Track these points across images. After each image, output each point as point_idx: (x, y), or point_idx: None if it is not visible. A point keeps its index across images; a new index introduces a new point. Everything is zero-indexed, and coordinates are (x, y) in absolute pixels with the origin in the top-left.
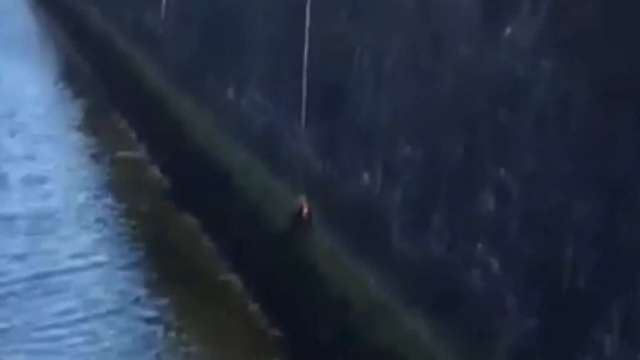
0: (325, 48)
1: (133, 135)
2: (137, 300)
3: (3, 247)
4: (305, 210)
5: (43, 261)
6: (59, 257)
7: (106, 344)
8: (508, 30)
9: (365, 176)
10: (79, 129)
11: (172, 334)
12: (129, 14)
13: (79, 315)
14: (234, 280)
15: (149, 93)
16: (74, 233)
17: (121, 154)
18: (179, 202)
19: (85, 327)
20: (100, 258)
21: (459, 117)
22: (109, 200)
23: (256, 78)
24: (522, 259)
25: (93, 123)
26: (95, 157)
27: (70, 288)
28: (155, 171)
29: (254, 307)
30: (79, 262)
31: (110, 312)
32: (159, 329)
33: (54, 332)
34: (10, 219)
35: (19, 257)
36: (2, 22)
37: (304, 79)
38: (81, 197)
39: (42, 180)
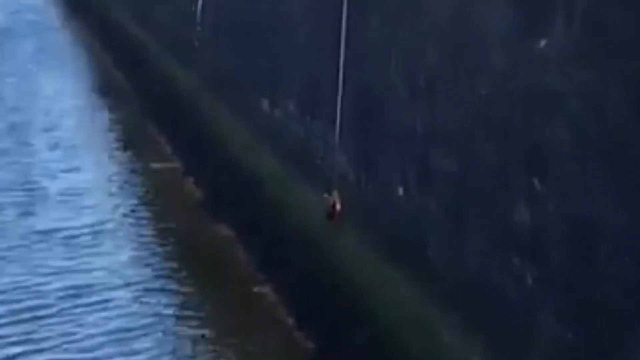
0: (361, 58)
1: (168, 147)
2: (171, 315)
3: (41, 261)
4: (338, 206)
5: (79, 277)
6: (95, 273)
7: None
8: (543, 42)
9: (400, 189)
10: (115, 141)
11: (210, 348)
12: (165, 25)
13: (113, 326)
14: (269, 292)
15: (184, 104)
16: (111, 248)
17: (155, 165)
18: (214, 213)
19: (121, 340)
20: (136, 272)
21: (493, 129)
22: (143, 213)
23: (291, 88)
24: (558, 270)
25: (128, 135)
26: (131, 169)
27: (108, 303)
28: (189, 182)
29: (288, 320)
30: (115, 277)
31: (145, 327)
32: (197, 344)
33: (88, 344)
34: (48, 233)
35: (55, 273)
36: (37, 35)
37: (339, 89)
38: (117, 211)
39: (79, 194)
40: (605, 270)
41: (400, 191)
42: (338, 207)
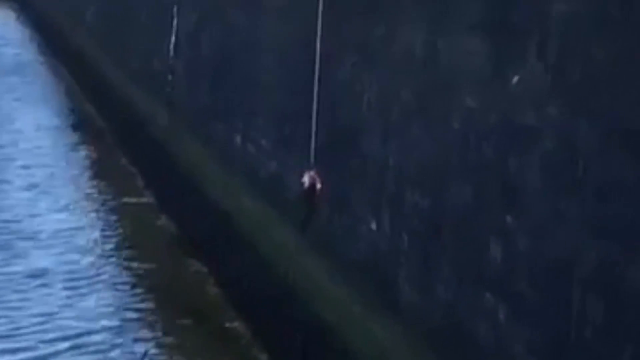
0: (335, 94)
1: (141, 181)
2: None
3: (4, 301)
4: (318, 185)
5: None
6: (65, 314)
7: None
8: (515, 78)
9: (373, 224)
10: (87, 177)
11: None
12: (137, 59)
13: None
14: (240, 327)
15: (157, 138)
16: (84, 290)
17: (129, 200)
18: (188, 249)
19: None
20: (109, 314)
21: (466, 166)
22: (117, 250)
23: (264, 123)
24: (529, 307)
25: (101, 170)
26: (104, 205)
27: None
28: (162, 217)
29: (261, 357)
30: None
31: None
32: None
33: None
34: (15, 274)
35: (18, 308)
36: (12, 70)
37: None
38: (90, 251)
39: (50, 233)
40: (578, 309)
41: (373, 226)
42: (319, 185)
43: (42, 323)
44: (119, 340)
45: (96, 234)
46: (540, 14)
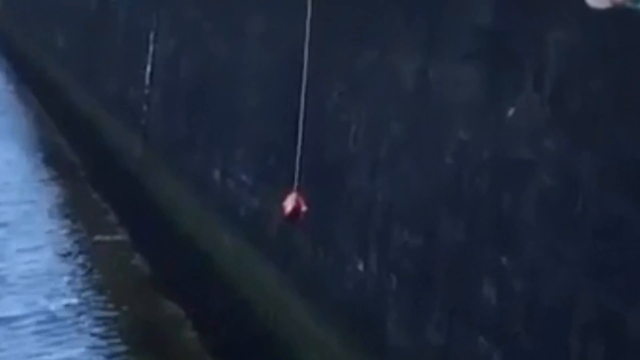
0: (320, 127)
1: (114, 218)
2: None
3: None
4: (304, 207)
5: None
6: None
7: None
8: (511, 110)
9: (360, 264)
10: (59, 214)
11: None
12: (111, 87)
13: None
14: None
15: (131, 172)
16: (58, 337)
17: (101, 238)
18: (163, 290)
19: None
20: (84, 358)
21: (459, 201)
22: (89, 293)
23: (245, 157)
24: (525, 352)
25: (73, 207)
26: (76, 244)
27: None
28: (137, 256)
29: None
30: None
31: None
32: None
33: None
34: None
35: None
36: None
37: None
38: (61, 295)
39: (21, 276)
40: (577, 354)
41: (360, 266)
42: (304, 208)
43: None
44: None
45: (68, 276)
46: (537, 42)
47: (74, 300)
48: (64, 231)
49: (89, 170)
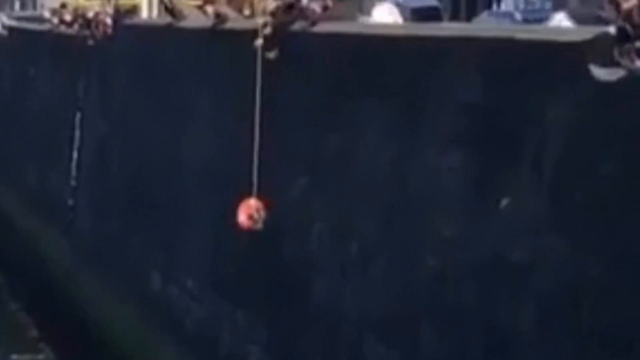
0: (280, 225)
1: (35, 333)
2: None
3: None
4: (262, 213)
5: None
6: None
7: None
8: (504, 201)
9: None
10: None
11: None
12: (31, 180)
13: None
14: None
15: (55, 279)
16: None
17: (18, 358)
18: None
19: None
20: None
21: (444, 309)
22: None
23: (192, 260)
24: None
25: None
26: None
27: None
28: None
29: None
30: None
31: None
32: None
33: None
34: None
35: None
36: None
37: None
38: None
39: None
40: None
41: None
42: (263, 214)
43: None
44: None
45: None
46: (535, 121)
47: None
48: None
49: (6, 278)
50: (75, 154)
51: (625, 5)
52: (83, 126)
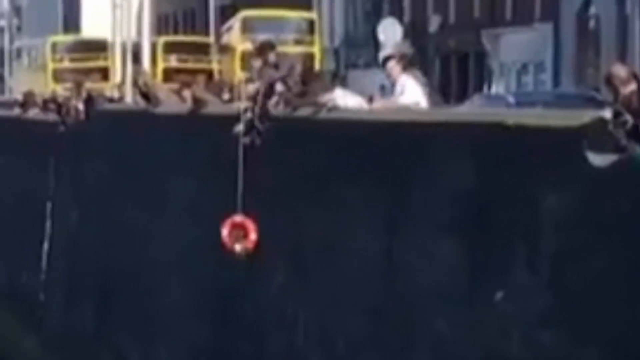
0: (260, 320)
1: None
2: None
3: None
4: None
5: None
6: None
7: None
8: (499, 294)
9: None
10: None
11: None
12: None
13: None
14: None
15: None
16: None
17: None
18: None
19: None
20: None
21: None
22: None
23: (166, 357)
24: None
25: None
26: None
27: None
28: None
29: None
30: None
31: None
32: None
33: None
34: None
35: None
36: None
37: None
38: None
39: None
40: None
41: None
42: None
43: None
44: None
45: None
46: (530, 210)
47: None
48: None
49: None
50: (45, 246)
51: (624, 91)
52: (54, 216)
